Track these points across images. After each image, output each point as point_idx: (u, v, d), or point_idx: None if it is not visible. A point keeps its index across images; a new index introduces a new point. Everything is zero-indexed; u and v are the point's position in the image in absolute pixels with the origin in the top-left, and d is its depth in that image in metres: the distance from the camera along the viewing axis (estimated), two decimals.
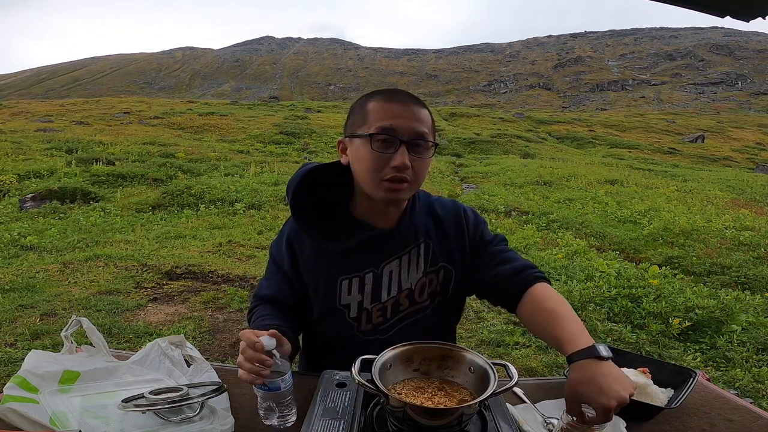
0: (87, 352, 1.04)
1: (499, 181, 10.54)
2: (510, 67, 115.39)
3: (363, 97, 1.08)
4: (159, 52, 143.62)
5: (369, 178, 1.02)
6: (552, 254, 5.14)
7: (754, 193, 10.13)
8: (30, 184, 8.22)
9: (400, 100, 1.03)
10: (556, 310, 0.98)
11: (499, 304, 1.14)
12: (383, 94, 1.05)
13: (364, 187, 1.05)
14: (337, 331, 1.15)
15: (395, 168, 0.99)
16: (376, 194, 1.03)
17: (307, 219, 1.11)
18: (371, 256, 1.12)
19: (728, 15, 1.17)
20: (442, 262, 1.16)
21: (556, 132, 26.08)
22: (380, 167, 1.00)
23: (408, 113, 1.01)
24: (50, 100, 40.98)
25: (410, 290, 1.14)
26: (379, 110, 1.01)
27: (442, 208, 1.20)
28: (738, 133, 30.20)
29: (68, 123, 19.02)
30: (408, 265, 1.13)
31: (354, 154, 1.04)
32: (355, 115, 1.06)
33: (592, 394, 0.80)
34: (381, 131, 0.99)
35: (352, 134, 1.05)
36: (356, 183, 1.09)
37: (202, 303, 3.75)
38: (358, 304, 1.12)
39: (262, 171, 10.47)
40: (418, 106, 1.04)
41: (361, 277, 1.11)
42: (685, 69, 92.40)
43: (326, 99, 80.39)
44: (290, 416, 0.94)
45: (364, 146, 1.01)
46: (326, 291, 1.12)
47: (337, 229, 1.11)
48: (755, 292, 4.20)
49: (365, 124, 1.01)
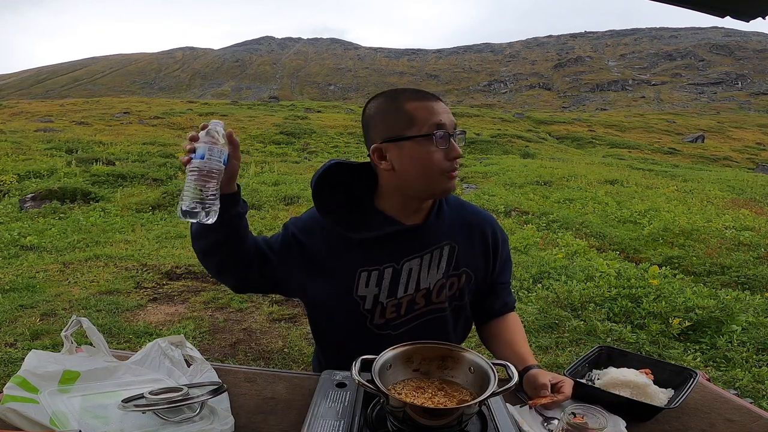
0: (87, 352, 1.04)
1: (499, 181, 10.53)
2: (510, 67, 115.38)
3: (387, 102, 1.09)
4: (159, 52, 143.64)
5: (431, 175, 1.05)
6: (552, 254, 5.14)
7: (754, 193, 10.12)
8: (30, 184, 8.22)
9: (432, 98, 1.08)
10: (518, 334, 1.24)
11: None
12: (413, 93, 1.08)
13: (420, 186, 1.07)
14: (349, 322, 1.15)
15: (455, 159, 1.06)
16: (436, 189, 1.08)
17: (331, 205, 1.13)
18: (393, 251, 1.12)
19: (728, 15, 1.17)
20: (465, 267, 1.17)
21: (556, 132, 26.07)
22: (442, 162, 1.05)
23: (444, 108, 1.07)
24: (50, 100, 40.97)
25: (428, 290, 1.14)
26: (423, 109, 1.05)
27: (473, 215, 1.23)
28: (738, 133, 30.20)
29: (68, 123, 19.02)
30: (429, 264, 1.14)
31: (408, 155, 1.05)
32: (392, 120, 1.06)
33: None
34: (438, 127, 1.03)
35: (397, 137, 1.05)
36: (394, 184, 1.10)
37: (202, 303, 3.75)
38: (373, 297, 1.13)
39: (262, 171, 10.47)
40: (443, 101, 1.10)
41: (380, 271, 1.12)
42: (685, 69, 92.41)
43: (326, 99, 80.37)
44: (212, 211, 0.93)
45: (421, 146, 1.04)
46: (343, 279, 1.12)
47: (362, 222, 1.12)
48: (755, 292, 4.20)
49: (414, 125, 1.04)
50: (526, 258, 4.95)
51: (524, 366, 1.10)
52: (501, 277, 1.27)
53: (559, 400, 1.01)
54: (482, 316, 1.29)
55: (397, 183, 1.09)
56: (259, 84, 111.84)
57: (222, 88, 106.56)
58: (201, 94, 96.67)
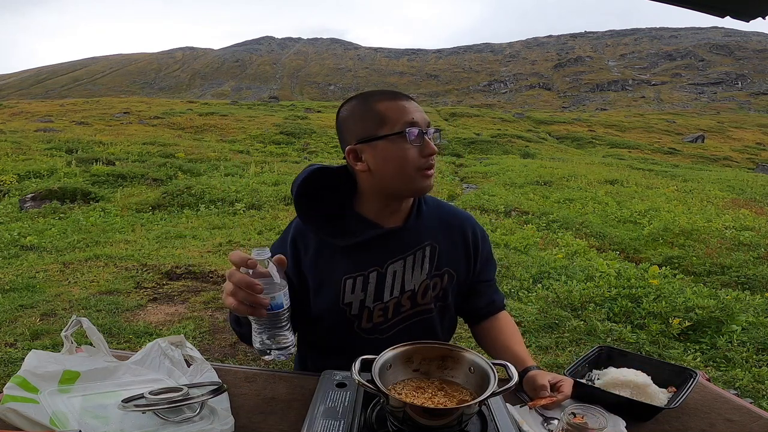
0: (87, 352, 1.04)
1: (499, 181, 10.53)
2: (510, 67, 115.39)
3: (359, 104, 1.08)
4: (159, 52, 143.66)
5: (406, 173, 1.05)
6: (552, 254, 5.14)
7: (754, 193, 10.12)
8: (30, 184, 8.22)
9: (403, 97, 1.08)
10: (515, 335, 1.24)
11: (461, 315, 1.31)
12: (384, 93, 1.09)
13: (397, 185, 1.07)
14: (337, 328, 1.15)
15: (430, 156, 1.06)
16: (413, 187, 1.08)
17: (312, 214, 1.12)
18: (376, 255, 1.12)
19: (728, 15, 1.16)
20: (447, 266, 1.18)
21: (556, 132, 26.07)
22: (417, 159, 1.05)
23: (415, 107, 1.08)
24: (50, 100, 40.98)
25: (413, 292, 1.14)
26: (394, 108, 1.05)
27: (452, 215, 1.23)
28: (738, 133, 30.20)
29: (68, 123, 19.02)
30: (412, 266, 1.14)
31: (381, 155, 1.05)
32: (365, 121, 1.06)
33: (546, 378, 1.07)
34: (411, 125, 1.04)
35: (370, 137, 1.05)
36: (372, 184, 1.09)
37: (202, 303, 3.75)
38: (360, 302, 1.13)
39: (262, 171, 10.47)
40: (415, 101, 1.11)
41: (365, 276, 1.12)
42: (685, 69, 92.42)
43: (326, 99, 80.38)
44: (291, 343, 0.87)
45: (395, 144, 1.04)
46: (330, 290, 1.12)
47: (344, 227, 1.11)
48: (755, 292, 4.20)
49: (386, 124, 1.04)
50: (526, 258, 4.95)
51: (523, 367, 1.11)
52: (484, 275, 1.26)
53: (558, 399, 1.01)
54: (472, 317, 1.29)
55: (375, 183, 1.08)
56: (259, 84, 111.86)
57: (222, 88, 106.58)
58: (201, 94, 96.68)
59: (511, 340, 1.21)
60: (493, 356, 1.20)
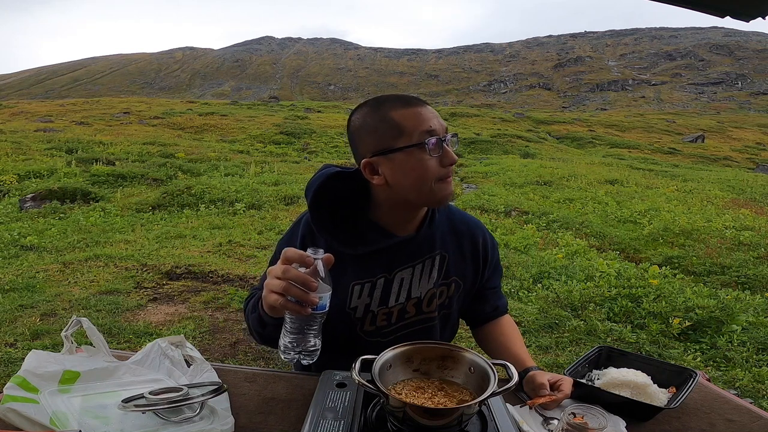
0: (87, 352, 1.04)
1: (499, 181, 10.53)
2: (510, 67, 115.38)
3: (372, 112, 1.03)
4: (159, 52, 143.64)
5: (427, 184, 1.01)
6: (552, 254, 5.14)
7: (754, 193, 10.12)
8: (30, 184, 8.21)
9: (418, 103, 1.03)
10: (514, 335, 1.25)
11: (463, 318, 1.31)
12: (398, 100, 1.03)
13: (417, 197, 1.03)
14: (339, 329, 1.14)
15: (450, 164, 1.02)
16: (434, 198, 1.03)
17: (326, 221, 1.09)
18: (386, 262, 1.11)
19: (728, 15, 1.16)
20: (454, 275, 1.17)
21: (556, 132, 26.05)
22: (437, 169, 1.01)
23: (432, 113, 1.03)
24: (50, 100, 40.98)
25: (419, 299, 1.14)
26: (411, 116, 1.00)
27: (463, 222, 1.22)
28: (738, 133, 30.19)
29: (68, 123, 19.01)
30: (420, 274, 1.13)
31: (400, 168, 1.00)
32: (380, 132, 1.01)
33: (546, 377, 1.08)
34: (429, 134, 0.99)
35: (387, 150, 1.00)
36: (389, 196, 1.05)
37: (202, 303, 3.75)
38: (365, 306, 1.12)
39: (262, 171, 10.47)
40: (429, 105, 1.06)
41: (372, 282, 1.11)
42: (685, 69, 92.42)
43: (326, 99, 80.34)
44: (318, 347, 0.86)
45: (413, 155, 0.99)
46: (337, 295, 1.10)
47: (355, 235, 1.09)
48: (755, 292, 4.20)
49: (403, 135, 0.99)
50: (526, 258, 4.95)
51: (523, 368, 1.11)
52: (491, 282, 1.26)
53: (558, 398, 1.01)
54: (475, 321, 1.30)
55: (392, 196, 1.05)
56: (259, 84, 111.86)
57: (222, 88, 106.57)
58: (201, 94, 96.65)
59: (512, 342, 1.21)
60: (493, 357, 1.20)
